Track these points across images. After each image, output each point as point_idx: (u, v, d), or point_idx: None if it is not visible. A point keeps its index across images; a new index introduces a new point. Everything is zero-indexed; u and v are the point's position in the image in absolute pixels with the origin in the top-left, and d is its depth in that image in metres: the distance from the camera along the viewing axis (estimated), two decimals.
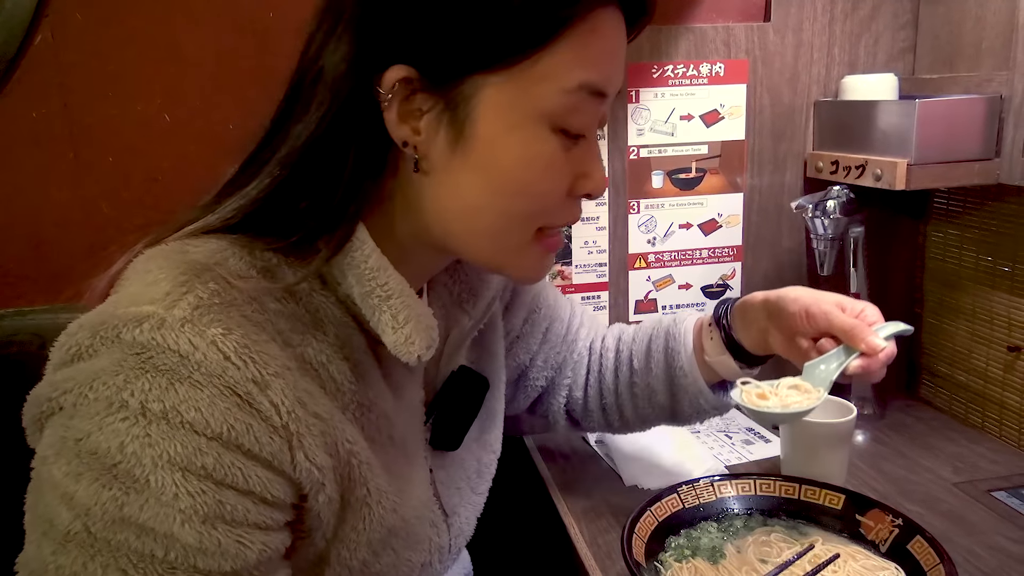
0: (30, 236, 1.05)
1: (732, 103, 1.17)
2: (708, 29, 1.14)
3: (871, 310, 0.78)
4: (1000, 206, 1.11)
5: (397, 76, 0.54)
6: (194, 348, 0.48)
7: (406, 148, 0.56)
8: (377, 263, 0.58)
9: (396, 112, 0.55)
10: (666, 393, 0.89)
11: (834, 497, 0.87)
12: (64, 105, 1.03)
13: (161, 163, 1.07)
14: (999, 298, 1.12)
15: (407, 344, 0.59)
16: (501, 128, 0.55)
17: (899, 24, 1.17)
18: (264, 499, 0.51)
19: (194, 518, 0.48)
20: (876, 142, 1.04)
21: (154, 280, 0.52)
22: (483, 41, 0.53)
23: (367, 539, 0.60)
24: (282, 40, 1.06)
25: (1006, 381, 1.12)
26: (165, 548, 0.47)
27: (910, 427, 1.18)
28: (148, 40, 1.03)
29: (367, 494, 0.59)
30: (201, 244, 0.56)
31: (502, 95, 0.55)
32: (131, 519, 0.47)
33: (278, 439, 0.51)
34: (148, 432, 0.47)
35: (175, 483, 0.47)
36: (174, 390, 0.48)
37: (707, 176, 1.19)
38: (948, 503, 0.96)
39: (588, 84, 0.56)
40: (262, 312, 0.54)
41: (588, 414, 0.95)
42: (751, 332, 0.83)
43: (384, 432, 0.62)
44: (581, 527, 0.94)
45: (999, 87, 0.98)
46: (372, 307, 0.58)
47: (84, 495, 0.47)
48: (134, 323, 0.49)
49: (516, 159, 0.56)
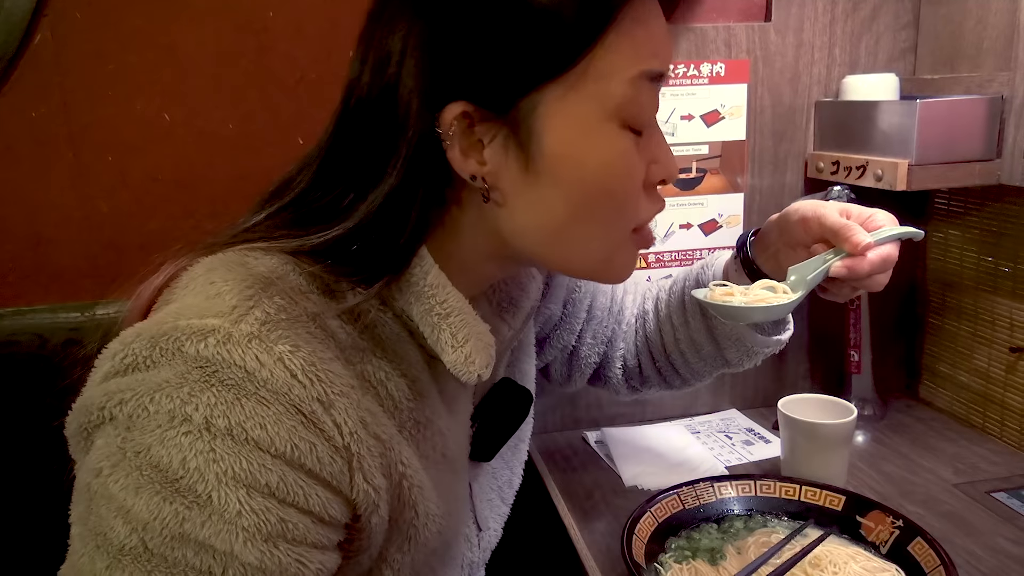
0: (29, 235, 1.05)
1: (733, 103, 1.17)
2: (709, 29, 1.14)
3: (881, 215, 0.75)
4: (1001, 207, 1.10)
5: (455, 113, 0.53)
6: (261, 365, 0.47)
7: (475, 182, 0.55)
8: (436, 280, 0.57)
9: (459, 149, 0.54)
10: (710, 344, 0.86)
11: (834, 498, 0.87)
12: (63, 104, 1.03)
13: (161, 163, 1.07)
14: (1001, 299, 1.12)
15: (467, 363, 0.58)
16: (571, 138, 0.54)
17: (900, 24, 1.17)
18: (322, 519, 0.50)
19: (257, 536, 0.46)
20: (877, 142, 1.04)
21: (217, 292, 0.51)
22: (531, 56, 0.52)
23: (411, 560, 0.59)
24: (281, 40, 1.06)
25: (1008, 382, 1.12)
26: (224, 566, 0.46)
27: (911, 428, 1.18)
28: (148, 39, 1.03)
29: (415, 516, 0.58)
30: (262, 257, 0.55)
31: (564, 105, 0.53)
32: (191, 536, 0.45)
33: (339, 460, 0.50)
34: (213, 447, 0.46)
35: (239, 500, 0.46)
36: (240, 406, 0.46)
37: (707, 176, 1.19)
38: (948, 504, 0.96)
39: (647, 71, 0.55)
40: (324, 330, 0.53)
41: (646, 380, 0.94)
42: (769, 256, 0.81)
43: (438, 449, 0.61)
44: (581, 528, 0.94)
45: (1000, 87, 0.97)
46: (431, 325, 0.57)
47: (143, 509, 0.45)
48: (198, 336, 0.47)
49: (594, 166, 0.55)
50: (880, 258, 0.71)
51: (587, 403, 1.22)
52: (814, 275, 0.73)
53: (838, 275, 0.72)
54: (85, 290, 1.06)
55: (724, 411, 1.26)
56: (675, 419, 1.24)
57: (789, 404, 1.00)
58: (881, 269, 0.72)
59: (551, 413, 1.21)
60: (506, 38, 0.51)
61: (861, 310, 1.18)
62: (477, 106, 0.53)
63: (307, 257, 0.55)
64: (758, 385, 1.27)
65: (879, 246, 0.72)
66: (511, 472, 0.79)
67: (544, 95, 0.53)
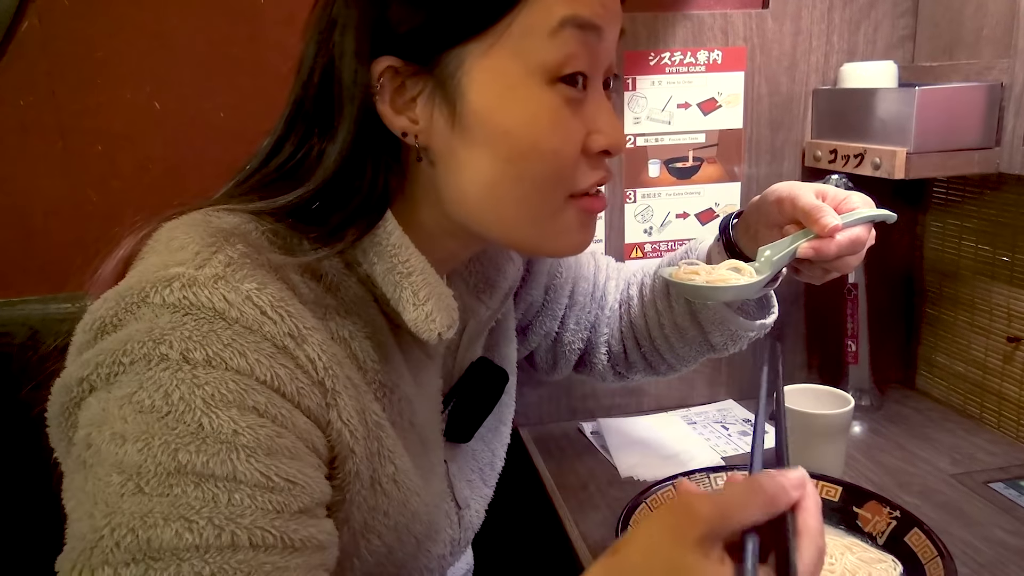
0: (19, 226, 1.04)
1: (730, 91, 1.16)
2: (706, 16, 1.13)
3: (856, 197, 0.74)
4: (1000, 195, 1.10)
5: (382, 67, 0.54)
6: (229, 304, 0.47)
7: (407, 139, 0.56)
8: (399, 240, 0.57)
9: (389, 104, 0.55)
10: (695, 328, 0.85)
11: (831, 489, 0.87)
12: (52, 93, 1.01)
13: (151, 151, 1.05)
14: (998, 288, 1.11)
15: (428, 321, 0.58)
16: (495, 94, 0.54)
17: (899, 11, 1.16)
18: (308, 445, 0.50)
19: (258, 451, 0.46)
20: (875, 131, 1.03)
21: (180, 245, 0.51)
22: (453, 11, 0.53)
23: (394, 523, 0.59)
24: (273, 27, 1.05)
25: (1005, 372, 1.11)
26: (228, 491, 0.44)
27: (908, 418, 1.18)
28: (137, 27, 1.02)
29: (395, 471, 0.58)
30: (225, 216, 0.55)
31: (488, 60, 0.54)
32: (188, 466, 0.44)
33: (317, 393, 0.50)
34: (195, 375, 0.45)
35: (232, 420, 0.45)
36: (215, 336, 0.46)
37: (704, 165, 1.18)
38: (946, 494, 0.96)
39: (573, 18, 0.53)
40: (286, 282, 0.53)
41: (632, 365, 0.94)
42: (750, 239, 0.80)
43: (406, 417, 0.62)
44: (576, 519, 0.94)
45: (1000, 75, 0.96)
46: (393, 283, 0.58)
47: (132, 454, 0.44)
48: (162, 284, 0.47)
49: (518, 121, 0.55)
50: (848, 240, 0.70)
51: (583, 394, 1.21)
52: (780, 256, 0.72)
53: (805, 256, 0.71)
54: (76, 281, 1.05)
55: (721, 401, 1.26)
56: (671, 410, 1.23)
57: (786, 395, 1.00)
58: (849, 251, 0.71)
59: (547, 404, 1.21)
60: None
61: (858, 300, 1.17)
62: (405, 61, 0.54)
63: (269, 216, 0.56)
64: (755, 375, 1.26)
65: (849, 228, 0.71)
66: (492, 455, 0.79)
67: (468, 50, 0.54)
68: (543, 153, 0.56)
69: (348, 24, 0.55)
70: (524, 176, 0.56)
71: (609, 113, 0.59)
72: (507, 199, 0.57)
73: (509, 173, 0.56)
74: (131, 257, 0.55)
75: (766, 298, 0.86)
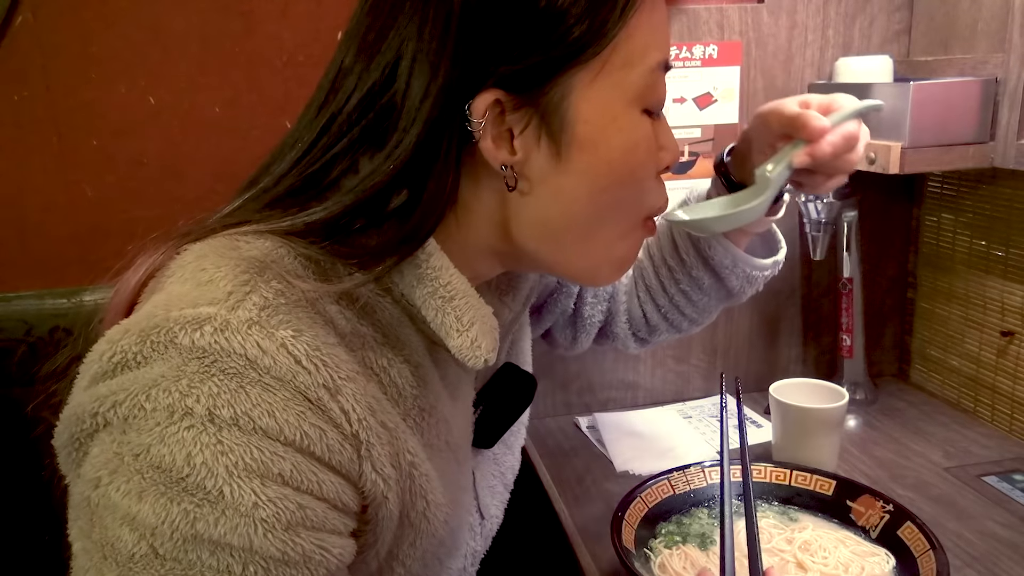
0: (13, 221, 1.04)
1: (725, 86, 1.16)
2: (701, 10, 1.12)
3: (842, 98, 0.72)
4: (994, 190, 1.10)
5: (487, 102, 0.51)
6: (263, 352, 0.45)
7: (505, 171, 0.54)
8: (439, 263, 0.55)
9: (491, 138, 0.52)
10: (710, 276, 0.85)
11: (825, 483, 0.87)
12: (46, 88, 1.01)
13: (146, 146, 1.05)
14: (992, 283, 1.12)
15: (473, 348, 0.56)
16: (600, 123, 0.54)
17: (894, 6, 1.16)
18: (336, 506, 0.49)
19: (277, 527, 0.44)
20: (870, 125, 1.03)
21: (210, 279, 0.48)
22: (565, 34, 0.51)
23: (421, 552, 0.58)
24: (267, 21, 1.05)
25: (999, 366, 1.12)
26: (243, 562, 0.44)
27: (902, 412, 1.18)
28: (132, 21, 1.02)
29: (426, 506, 0.56)
30: (254, 240, 0.52)
31: (592, 90, 0.53)
32: (205, 535, 0.43)
33: (349, 448, 0.48)
34: (220, 439, 0.43)
35: (254, 492, 0.43)
36: (244, 394, 0.44)
37: (700, 160, 1.18)
38: (939, 488, 0.96)
39: (664, 61, 0.56)
40: (323, 315, 0.51)
41: (654, 328, 0.93)
42: (746, 167, 0.78)
43: (443, 437, 0.60)
44: (572, 513, 0.94)
45: (994, 69, 0.97)
46: (435, 308, 0.56)
47: (149, 514, 0.43)
48: (193, 326, 0.45)
49: (621, 150, 0.55)
50: (842, 138, 0.68)
51: (579, 388, 1.21)
52: (778, 171, 0.70)
53: (802, 164, 0.69)
54: (71, 275, 1.05)
55: (716, 396, 1.26)
56: (667, 404, 1.23)
57: (781, 389, 1.00)
58: (845, 149, 0.69)
59: (543, 398, 1.21)
60: (541, 19, 0.51)
61: (853, 294, 1.17)
62: (509, 93, 0.52)
63: (300, 239, 0.53)
64: (750, 370, 1.26)
65: (838, 127, 0.69)
66: (513, 457, 0.78)
67: (574, 80, 0.53)
68: (635, 180, 0.57)
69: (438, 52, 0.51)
70: (614, 204, 0.57)
71: (669, 130, 0.61)
72: (595, 224, 0.57)
73: (605, 200, 0.56)
74: (148, 280, 0.53)
75: (772, 234, 0.86)
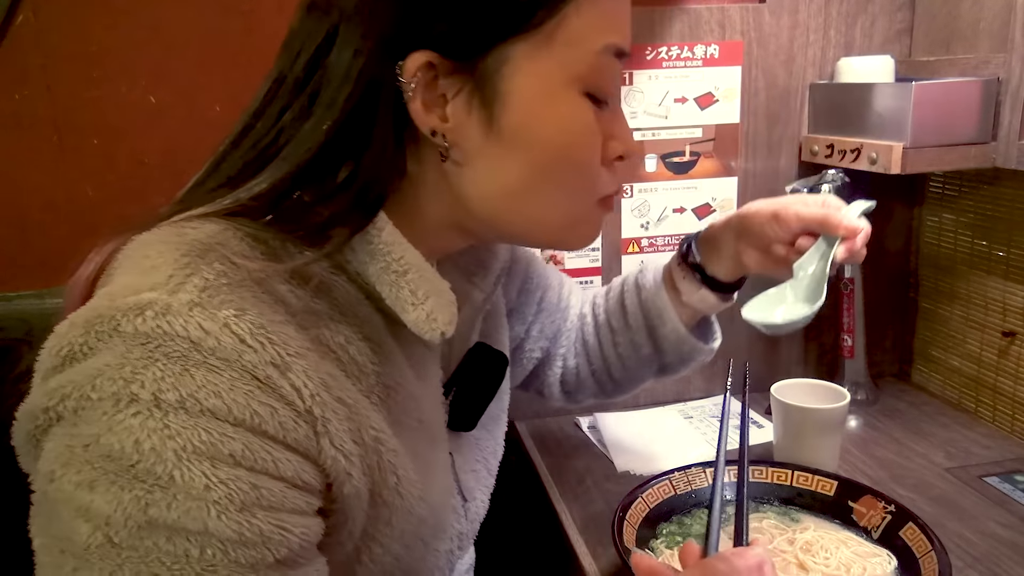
0: (14, 220, 1.03)
1: (726, 85, 1.16)
2: (703, 10, 1.12)
3: (832, 198, 0.78)
4: (996, 190, 1.10)
5: (419, 63, 0.51)
6: (206, 333, 0.44)
7: (435, 137, 0.53)
8: (391, 237, 0.55)
9: (421, 101, 0.52)
10: (649, 345, 0.88)
11: (826, 483, 0.87)
12: (47, 87, 1.01)
13: (147, 146, 1.05)
14: (994, 283, 1.11)
15: (429, 321, 0.56)
16: (536, 98, 0.53)
17: (896, 5, 1.16)
18: (296, 484, 0.48)
19: (230, 508, 0.44)
20: (872, 125, 1.03)
21: (152, 265, 0.48)
22: (505, 5, 0.51)
23: (400, 531, 0.58)
24: (268, 20, 1.05)
25: (1000, 366, 1.11)
26: (201, 546, 0.43)
27: (903, 412, 1.18)
28: (132, 20, 1.02)
29: (397, 482, 0.56)
30: (200, 225, 0.52)
31: (531, 64, 0.52)
32: (158, 521, 0.43)
33: (304, 425, 0.48)
34: (167, 424, 0.43)
35: (204, 474, 0.43)
36: (189, 376, 0.44)
37: (701, 160, 1.18)
38: (940, 488, 0.96)
39: (613, 45, 0.55)
40: (272, 294, 0.50)
41: (581, 382, 0.94)
42: (724, 259, 0.83)
43: (412, 415, 0.60)
44: (573, 513, 0.94)
45: (996, 69, 0.96)
46: (389, 283, 0.55)
47: (102, 503, 0.43)
48: (135, 312, 0.44)
49: (556, 129, 0.54)
50: (865, 235, 0.76)
51: None
52: (823, 270, 0.76)
53: (843, 261, 0.76)
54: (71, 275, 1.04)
55: (717, 396, 1.26)
56: (668, 404, 1.23)
57: (782, 389, 1.00)
58: (864, 243, 0.77)
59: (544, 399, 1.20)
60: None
61: (854, 295, 1.17)
62: (444, 56, 0.51)
63: (246, 218, 0.53)
64: (751, 370, 1.26)
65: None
66: (495, 442, 0.78)
67: (513, 51, 0.52)
68: (575, 163, 0.56)
69: (373, 10, 0.51)
70: (555, 183, 0.56)
71: (624, 121, 0.60)
72: (537, 203, 0.57)
73: (540, 179, 0.55)
74: (99, 275, 0.52)
75: (712, 323, 0.90)
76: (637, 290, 0.88)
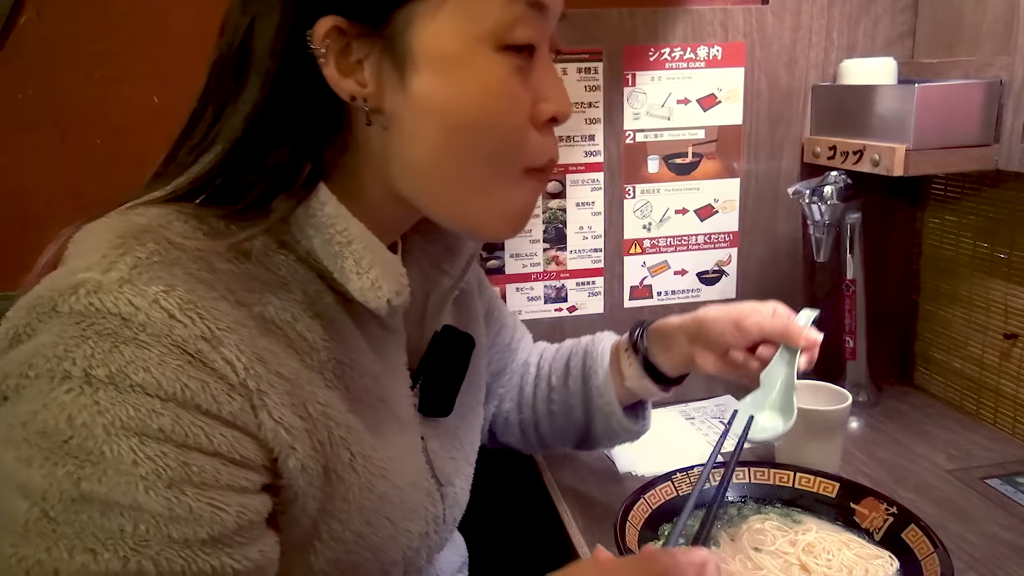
0: (17, 219, 1.04)
1: (729, 87, 1.16)
2: (706, 11, 1.12)
3: (781, 307, 0.82)
4: (998, 192, 1.10)
5: (326, 27, 0.51)
6: (135, 309, 0.46)
7: (355, 103, 0.53)
8: (334, 211, 0.55)
9: (335, 67, 0.52)
10: (581, 410, 0.90)
11: (828, 485, 0.87)
12: (50, 87, 1.01)
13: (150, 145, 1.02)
14: (996, 285, 1.11)
15: (374, 289, 0.56)
16: (444, 58, 0.52)
17: (899, 7, 1.16)
18: (233, 460, 0.49)
19: (158, 483, 0.45)
20: (874, 127, 1.03)
21: (90, 248, 0.50)
22: None
23: (358, 507, 0.58)
24: None
25: (1002, 368, 1.11)
26: (134, 521, 0.45)
27: (905, 414, 1.18)
28: (136, 20, 1.02)
29: (352, 458, 0.57)
30: (145, 211, 0.53)
31: (436, 22, 0.52)
32: (92, 495, 0.44)
33: (238, 397, 0.48)
34: (96, 400, 0.44)
35: (132, 449, 0.44)
36: (119, 352, 0.45)
37: (703, 161, 1.18)
38: (942, 490, 0.96)
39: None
40: (210, 271, 0.51)
41: (509, 427, 0.95)
42: (672, 356, 0.85)
43: (372, 393, 0.60)
44: (575, 514, 0.94)
45: (999, 72, 0.96)
46: (333, 254, 0.56)
47: (37, 479, 0.44)
48: (70, 291, 0.46)
49: (465, 90, 0.53)
50: (817, 343, 0.80)
51: None
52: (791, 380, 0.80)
53: (805, 371, 0.80)
54: None
55: (719, 397, 1.26)
56: (669, 405, 1.23)
57: None
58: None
59: None
60: None
61: (856, 296, 1.17)
62: (351, 21, 0.51)
63: (187, 201, 0.54)
64: None
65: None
66: (472, 432, 0.77)
67: (416, 10, 0.51)
68: (493, 126, 0.54)
69: None
70: (472, 149, 0.55)
71: (556, 80, 0.57)
72: (454, 173, 0.55)
73: (456, 146, 0.54)
74: (53, 265, 0.53)
75: (644, 407, 0.92)
76: (584, 356, 0.90)
